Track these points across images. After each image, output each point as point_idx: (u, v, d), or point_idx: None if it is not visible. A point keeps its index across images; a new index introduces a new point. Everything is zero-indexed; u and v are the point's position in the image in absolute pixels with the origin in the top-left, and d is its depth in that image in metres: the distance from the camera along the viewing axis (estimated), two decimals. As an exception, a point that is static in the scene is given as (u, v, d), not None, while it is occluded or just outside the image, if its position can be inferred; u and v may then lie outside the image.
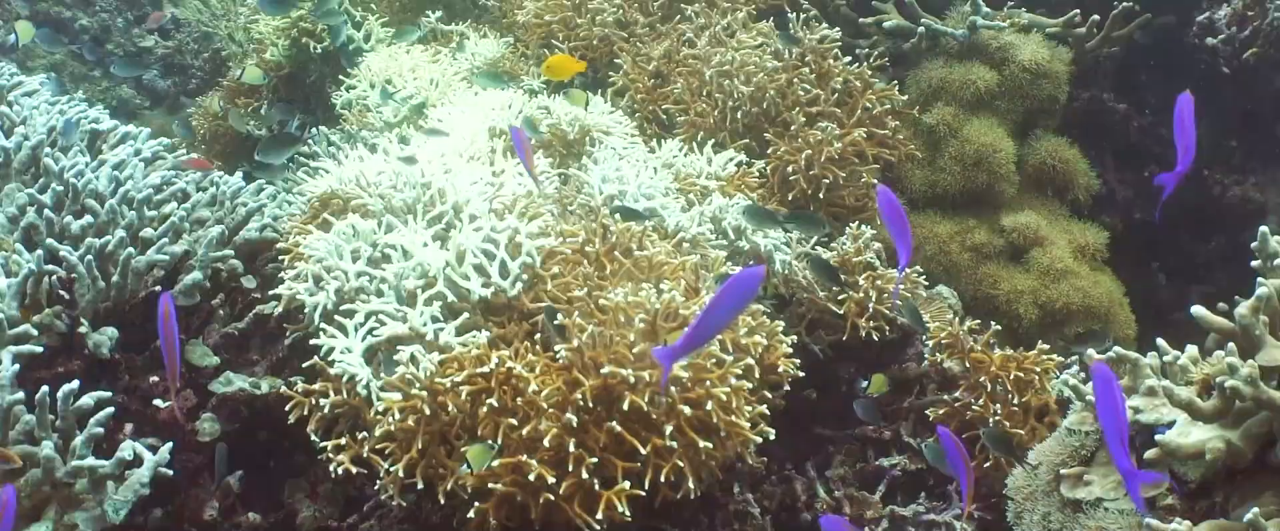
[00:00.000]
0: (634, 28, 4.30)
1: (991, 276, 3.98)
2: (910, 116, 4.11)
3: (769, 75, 3.91)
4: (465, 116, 3.51)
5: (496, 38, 4.70)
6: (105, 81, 6.05)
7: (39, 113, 3.18)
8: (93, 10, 6.14)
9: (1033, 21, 4.26)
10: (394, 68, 4.47)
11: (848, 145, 3.83)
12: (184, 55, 5.85)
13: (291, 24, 4.80)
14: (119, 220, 2.69)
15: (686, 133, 3.94)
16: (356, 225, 2.79)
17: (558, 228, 2.88)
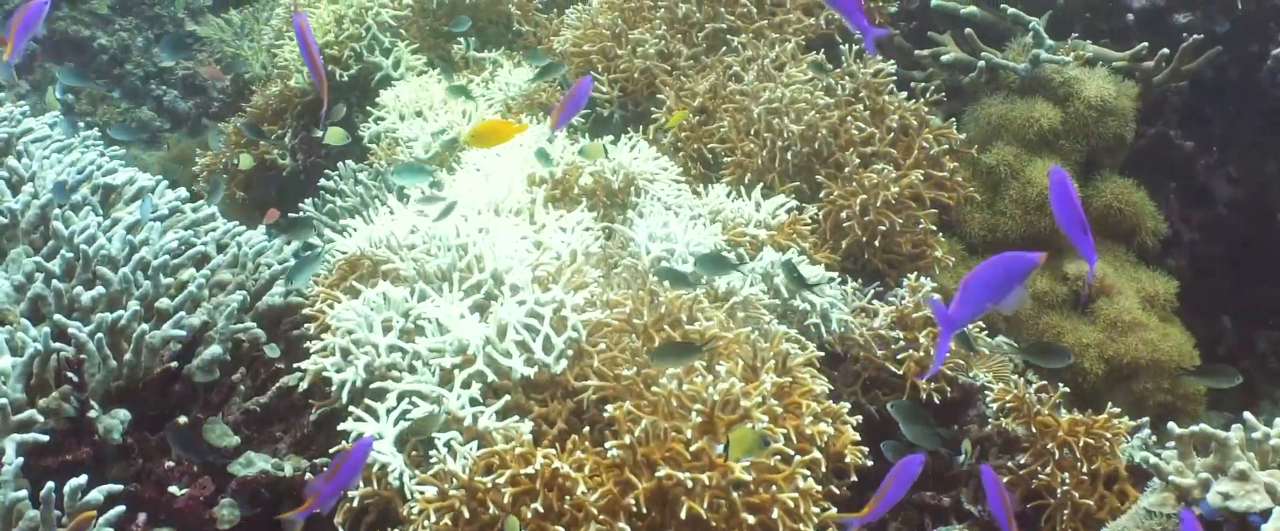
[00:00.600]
0: (677, 60, 4.09)
1: (1055, 327, 3.76)
2: (969, 156, 3.89)
3: (821, 112, 3.70)
4: (501, 159, 3.30)
5: (531, 66, 4.49)
6: (124, 103, 5.87)
7: (49, 166, 2.98)
8: (112, 29, 5.95)
9: (1098, 54, 4.03)
10: (424, 98, 4.27)
11: (904, 188, 3.62)
12: (205, 78, 5.66)
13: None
14: (132, 290, 2.50)
15: (733, 173, 3.73)
16: (388, 293, 2.58)
17: (604, 296, 2.67)
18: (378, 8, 4.57)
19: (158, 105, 5.90)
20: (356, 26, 4.58)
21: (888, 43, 4.26)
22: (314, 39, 2.22)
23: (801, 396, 2.42)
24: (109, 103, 5.83)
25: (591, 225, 3.03)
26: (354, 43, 4.58)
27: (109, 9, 5.96)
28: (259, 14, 5.78)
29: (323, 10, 4.64)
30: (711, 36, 4.12)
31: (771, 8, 4.18)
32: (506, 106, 4.33)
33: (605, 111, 4.20)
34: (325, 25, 4.60)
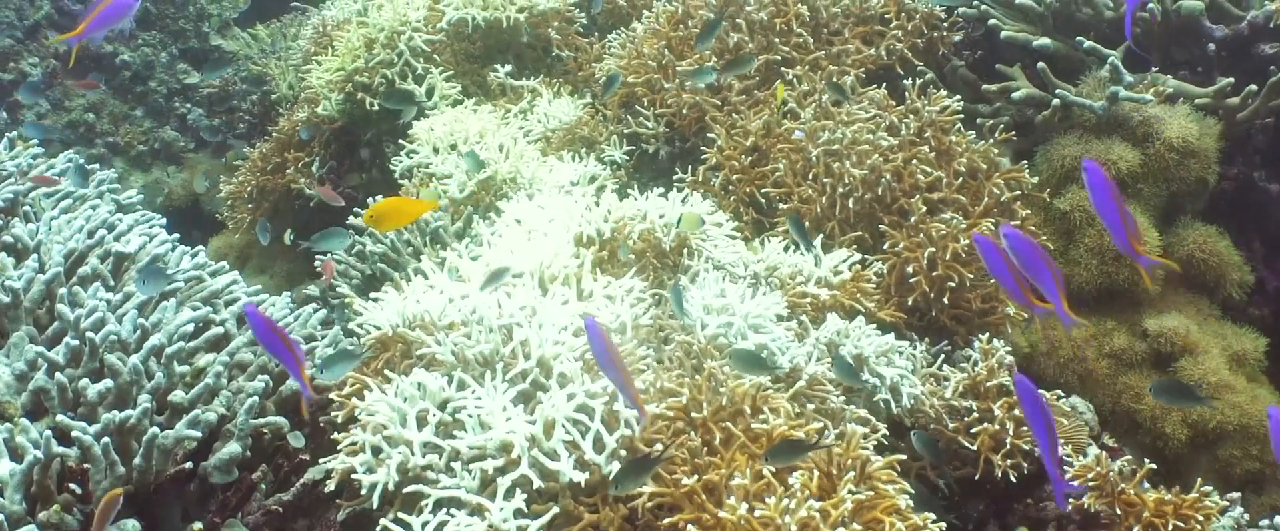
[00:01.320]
0: (728, 94, 3.84)
1: (1133, 388, 3.51)
2: (1041, 200, 3.62)
3: (884, 154, 3.45)
4: (543, 214, 3.07)
5: (571, 95, 4.25)
6: (148, 122, 5.66)
7: (57, 229, 2.75)
8: (135, 45, 5.74)
9: (1179, 90, 3.75)
10: (459, 130, 4.04)
11: (974, 239, 3.36)
12: (231, 96, 5.44)
13: (346, 77, 4.37)
14: (143, 382, 2.27)
15: (789, 221, 3.48)
16: (424, 382, 2.35)
17: (658, 383, 2.43)
18: (411, 32, 4.34)
19: (181, 124, 5.68)
20: (388, 52, 4.36)
21: (951, 75, 4.00)
22: (278, 334, 1.92)
23: (885, 512, 2.17)
24: (131, 122, 5.62)
25: (642, 294, 2.79)
26: (385, 69, 4.35)
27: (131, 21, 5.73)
28: (287, 29, 5.55)
29: (352, 34, 4.41)
30: (764, 68, 3.87)
31: (828, 37, 3.93)
32: (546, 139, 4.09)
33: (651, 148, 3.97)
34: (355, 49, 4.38)
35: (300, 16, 5.69)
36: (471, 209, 3.71)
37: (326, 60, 4.43)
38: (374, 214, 2.60)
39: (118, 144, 5.56)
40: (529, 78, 4.38)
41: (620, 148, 3.99)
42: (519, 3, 4.36)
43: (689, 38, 4.01)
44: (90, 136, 5.51)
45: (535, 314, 2.49)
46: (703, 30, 3.80)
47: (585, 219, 2.98)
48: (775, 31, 3.90)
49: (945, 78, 3.98)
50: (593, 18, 4.67)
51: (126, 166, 5.55)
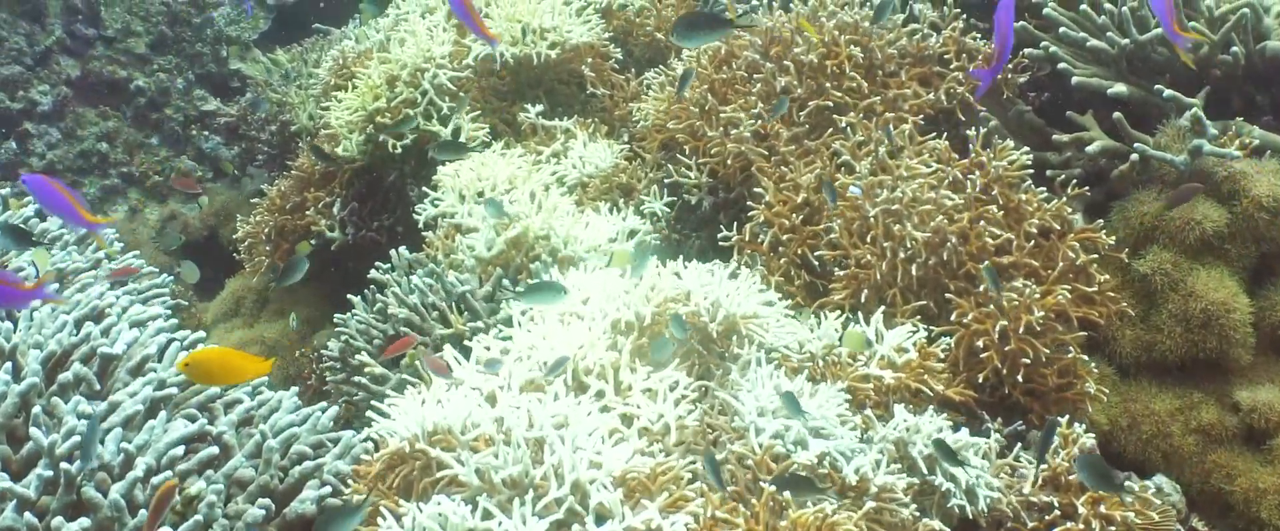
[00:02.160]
0: (775, 142, 3.55)
1: (1224, 468, 3.21)
2: (1117, 260, 3.32)
3: (948, 214, 3.16)
4: (578, 292, 2.80)
5: (607, 136, 3.98)
6: (164, 151, 5.42)
7: (35, 328, 2.48)
8: (150, 70, 5.50)
9: (1265, 141, 3.44)
10: (486, 176, 3.78)
11: (1049, 308, 3.07)
12: (249, 125, 5.19)
13: (366, 118, 4.11)
14: (125, 520, 2.01)
15: (846, 288, 3.20)
16: (445, 513, 2.08)
17: (707, 512, 2.15)
18: (435, 69, 4.07)
19: (198, 153, 5.44)
20: (411, 90, 4.09)
21: (1016, 119, 3.70)
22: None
23: None
24: (146, 151, 5.38)
25: (687, 390, 2.52)
26: (408, 108, 4.08)
27: (148, 47, 5.51)
28: (307, 54, 5.30)
29: (373, 70, 4.15)
30: (815, 115, 3.58)
31: (883, 80, 3.63)
32: (581, 187, 3.82)
33: (693, 198, 3.69)
34: (376, 87, 4.12)
35: (322, 40, 5.43)
36: (500, 270, 3.45)
37: (346, 98, 4.17)
38: (193, 364, 2.21)
39: (133, 174, 5.33)
40: (562, 117, 4.11)
41: (660, 198, 3.71)
42: (550, 37, 4.09)
43: (733, 80, 3.73)
44: (104, 167, 5.28)
45: (568, 426, 2.22)
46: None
47: (624, 302, 2.71)
48: (826, 74, 3.60)
49: (1010, 123, 3.68)
50: (629, 52, 4.39)
51: (142, 197, 5.32)
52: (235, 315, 4.71)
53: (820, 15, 3.72)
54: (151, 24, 5.62)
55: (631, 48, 4.41)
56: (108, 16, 5.50)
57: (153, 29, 5.62)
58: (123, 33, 5.55)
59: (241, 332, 4.60)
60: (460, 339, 3.33)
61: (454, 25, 4.31)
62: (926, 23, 3.72)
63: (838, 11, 3.71)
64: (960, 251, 3.17)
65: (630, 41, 4.40)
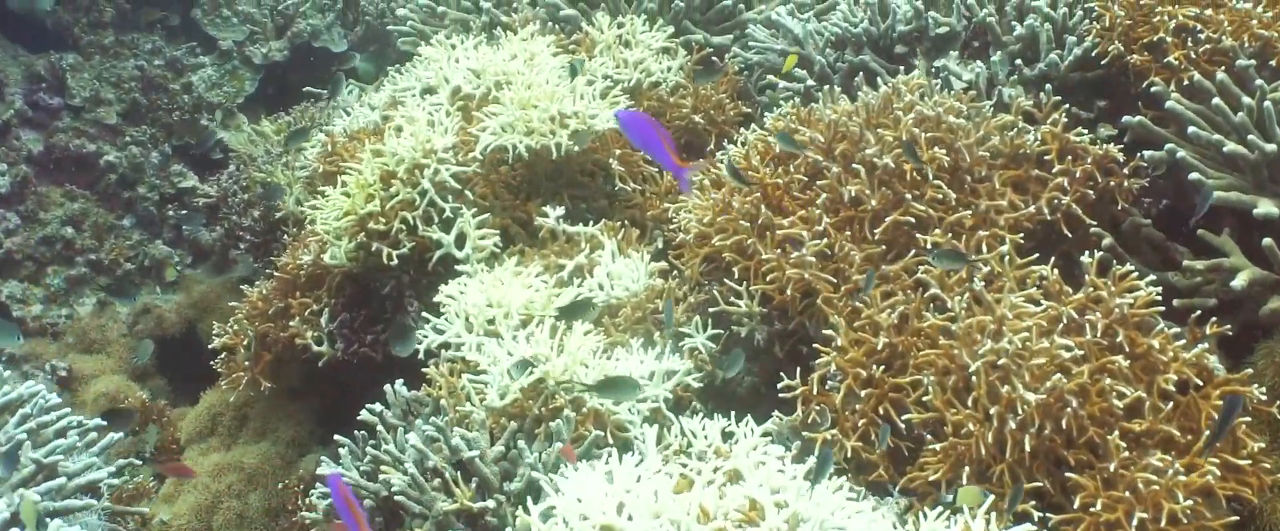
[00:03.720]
0: (846, 268, 2.94)
1: None
2: (1267, 415, 2.71)
3: (1065, 367, 2.56)
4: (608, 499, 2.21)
5: (638, 244, 3.38)
6: (137, 234, 4.83)
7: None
8: (121, 142, 4.91)
9: None
10: (497, 299, 3.19)
11: (1196, 490, 2.47)
12: (230, 207, 4.59)
13: (357, 223, 3.52)
14: None
15: (942, 463, 2.60)
16: None
17: None
18: (436, 164, 3.48)
19: (176, 235, 4.84)
20: (409, 190, 3.50)
21: (1133, 234, 3.09)
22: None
23: None
24: (117, 234, 4.79)
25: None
26: (407, 211, 3.49)
27: (119, 117, 4.91)
28: (296, 125, 4.70)
29: (366, 166, 3.55)
30: (893, 231, 2.97)
31: (973, 186, 3.02)
32: (609, 313, 3.22)
33: (743, 329, 3.08)
34: (368, 187, 3.53)
35: (312, 108, 4.84)
36: (515, 426, 2.85)
37: (333, 197, 3.58)
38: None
39: (101, 262, 4.74)
40: (585, 215, 3.53)
41: (704, 330, 3.11)
42: (572, 125, 3.49)
43: (792, 184, 3.12)
44: (69, 254, 4.69)
45: None
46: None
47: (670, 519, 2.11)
48: (905, 181, 3.00)
49: (1125, 238, 3.08)
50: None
51: (113, 284, 4.73)
52: (211, 434, 4.12)
53: (894, 106, 3.12)
54: (124, 91, 5.04)
55: (665, 130, 3.80)
56: (75, 83, 4.92)
57: (125, 96, 5.04)
58: (91, 101, 4.96)
59: (218, 456, 4.02)
60: (469, 516, 2.75)
61: (458, 109, 3.72)
62: (1018, 112, 3.12)
63: (916, 103, 3.11)
64: (1081, 415, 2.56)
65: (665, 123, 3.80)
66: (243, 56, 5.39)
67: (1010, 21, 3.37)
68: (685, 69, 3.88)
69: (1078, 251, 2.93)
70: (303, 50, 5.51)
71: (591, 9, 4.07)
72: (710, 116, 3.75)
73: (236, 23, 5.41)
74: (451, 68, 3.85)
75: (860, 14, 3.66)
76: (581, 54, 3.88)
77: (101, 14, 5.13)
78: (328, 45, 5.53)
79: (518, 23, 4.02)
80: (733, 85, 3.85)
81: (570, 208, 3.57)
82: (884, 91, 3.19)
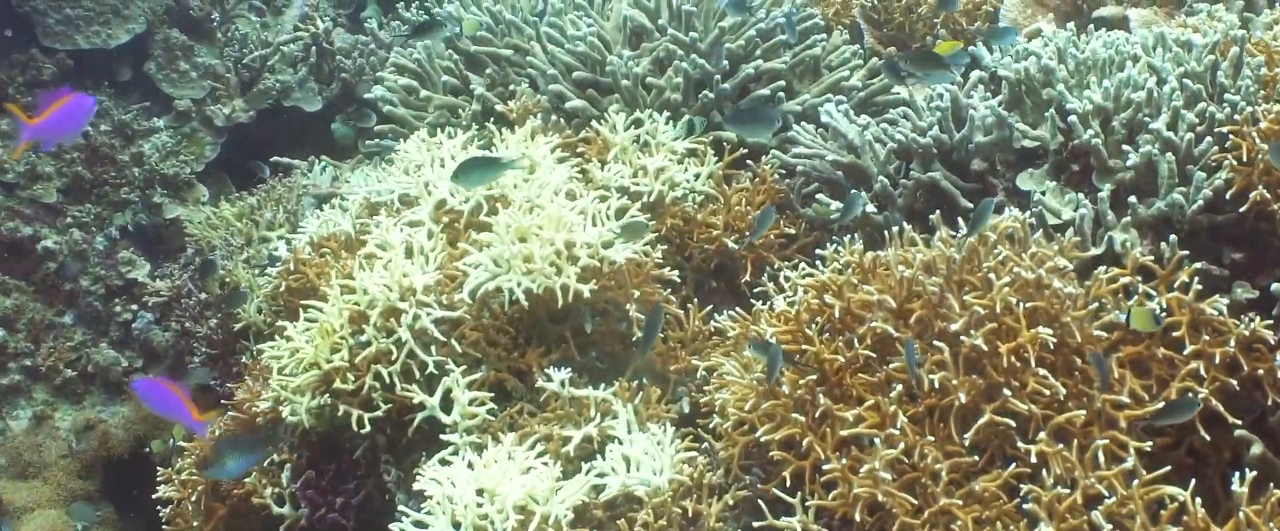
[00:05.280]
0: (929, 483, 2.32)
1: None
2: None
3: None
4: None
5: (659, 405, 2.77)
6: (79, 334, 4.21)
7: None
8: (62, 224, 4.27)
9: None
10: (491, 488, 2.59)
11: None
12: (184, 310, 3.96)
13: (321, 380, 2.90)
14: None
15: None
16: None
17: None
18: (416, 310, 2.86)
19: (125, 333, 4.22)
20: (383, 338, 2.88)
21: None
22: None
23: None
24: (57, 334, 4.16)
25: None
26: (382, 364, 2.87)
27: (60, 194, 4.28)
28: (261, 208, 4.07)
29: (331, 308, 2.94)
30: (986, 435, 2.35)
31: (1083, 370, 2.40)
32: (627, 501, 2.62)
33: (798, 547, 2.46)
34: (331, 333, 2.91)
35: (280, 187, 4.20)
36: None
37: (291, 342, 2.97)
38: None
39: (38, 368, 4.12)
40: (596, 366, 2.93)
41: (751, 548, 2.49)
42: (582, 259, 2.86)
43: (856, 363, 2.50)
44: (0, 359, 4.07)
45: None
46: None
47: None
48: (1000, 367, 2.38)
49: (1274, 434, 2.45)
50: (687, 256, 3.18)
51: (50, 398, 4.11)
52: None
53: (982, 262, 2.50)
54: (64, 163, 4.40)
55: (690, 253, 3.19)
56: (5, 154, 4.28)
57: (66, 169, 4.40)
58: (27, 177, 4.33)
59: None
60: None
61: (444, 228, 3.10)
62: (1134, 268, 2.50)
63: (1012, 260, 2.48)
64: None
65: (690, 246, 3.18)
66: (203, 117, 4.74)
67: (1117, 141, 2.74)
68: (715, 176, 3.24)
69: (1216, 457, 2.33)
70: (271, 111, 4.87)
71: (602, 95, 3.43)
72: (746, 238, 3.12)
73: (195, 77, 4.76)
74: (435, 172, 3.23)
75: (929, 118, 3.03)
76: (591, 158, 3.25)
77: (40, 71, 4.49)
78: (300, 104, 4.89)
79: (515, 112, 3.39)
80: (772, 196, 3.21)
81: (576, 353, 2.95)
82: (969, 243, 2.56)
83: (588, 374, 2.98)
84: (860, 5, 3.99)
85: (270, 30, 5.02)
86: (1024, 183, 2.91)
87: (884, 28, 4.00)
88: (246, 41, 4.85)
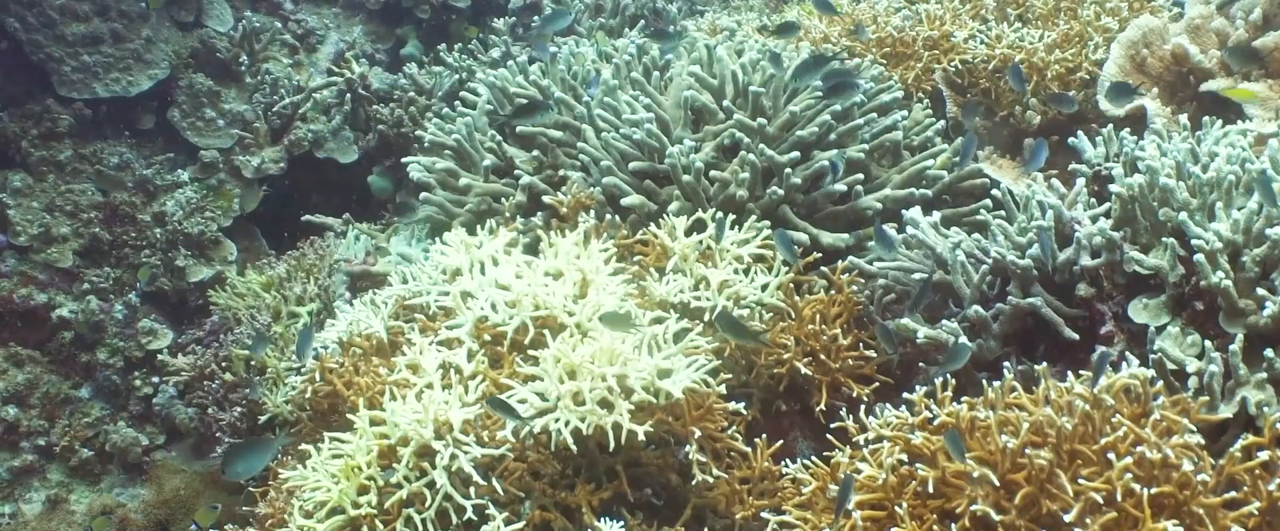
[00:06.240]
0: None
1: None
2: None
3: None
4: None
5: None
6: (97, 409, 3.95)
7: None
8: (78, 288, 4.00)
9: None
10: None
11: None
12: (206, 393, 3.68)
13: (347, 524, 2.63)
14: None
15: None
16: None
17: None
18: (452, 448, 2.57)
19: (145, 408, 3.95)
20: (414, 477, 2.60)
21: None
22: None
23: None
24: (73, 409, 3.90)
25: None
26: (413, 509, 2.59)
27: (76, 257, 4.02)
28: (290, 283, 3.79)
29: (359, 441, 2.65)
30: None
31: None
32: None
33: None
34: (355, 474, 2.63)
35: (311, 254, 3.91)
36: None
37: (314, 477, 2.68)
38: None
39: (52, 448, 3.86)
40: (651, 501, 2.62)
41: None
42: (637, 394, 2.55)
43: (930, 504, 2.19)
44: (12, 438, 3.82)
45: None
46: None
47: None
48: None
49: None
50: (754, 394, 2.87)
51: (65, 479, 3.86)
52: None
53: (1098, 433, 2.18)
54: (81, 223, 4.13)
55: (757, 372, 2.88)
56: (19, 217, 4.02)
57: (83, 230, 4.13)
58: (41, 239, 4.06)
59: None
60: None
61: (484, 343, 2.81)
62: (1272, 437, 2.17)
63: (1134, 432, 2.16)
64: None
65: (757, 366, 2.86)
66: (230, 167, 4.46)
67: (1249, 279, 2.40)
68: (784, 286, 2.92)
69: None
70: (304, 161, 4.58)
71: (660, 184, 3.12)
72: (819, 361, 2.80)
73: (222, 125, 4.47)
74: (475, 280, 2.93)
75: (1029, 234, 2.70)
76: (648, 265, 2.94)
77: (55, 123, 4.21)
78: (334, 155, 4.59)
79: (566, 206, 3.08)
80: (849, 309, 2.89)
81: (628, 490, 2.65)
82: (1080, 408, 2.23)
83: (642, 512, 2.69)
84: (942, 69, 3.64)
85: (303, 69, 4.73)
86: (1137, 314, 2.57)
87: (968, 93, 3.65)
88: (277, 86, 4.55)
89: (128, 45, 4.33)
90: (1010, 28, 3.68)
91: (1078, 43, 3.58)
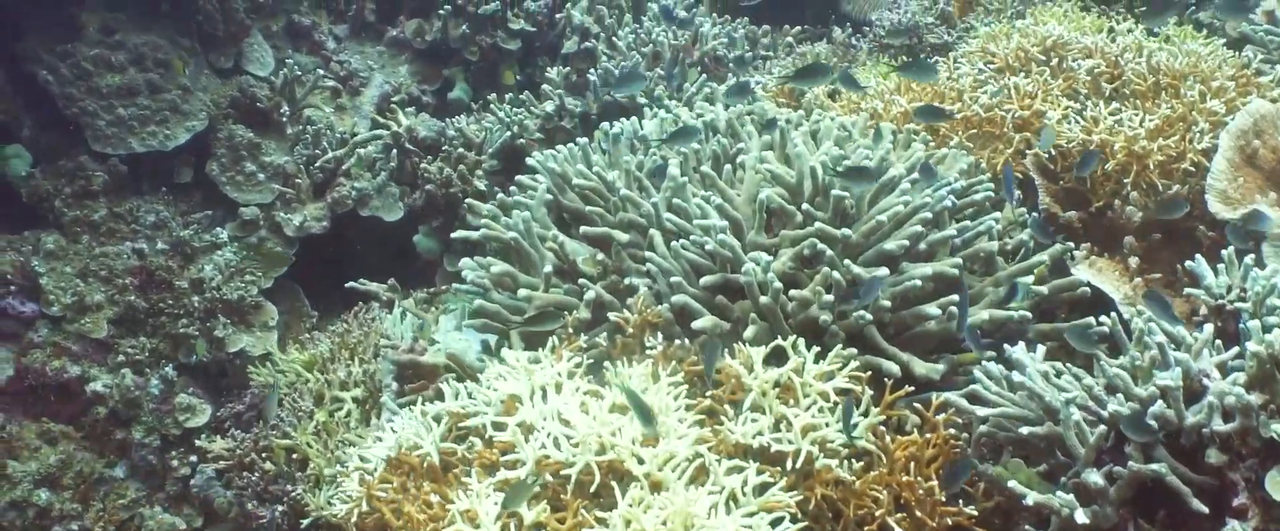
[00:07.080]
0: None
1: None
2: None
3: None
4: None
5: None
6: (133, 490, 3.76)
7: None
8: (113, 362, 3.80)
9: None
10: None
11: None
12: (246, 488, 3.48)
13: None
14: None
15: None
16: None
17: None
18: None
19: (183, 489, 3.76)
20: (473, 651, 2.38)
21: None
22: None
23: None
24: (108, 490, 3.71)
25: None
26: None
27: (111, 326, 3.81)
28: (334, 365, 3.58)
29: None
30: None
31: None
32: None
33: None
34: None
35: (357, 329, 3.69)
36: None
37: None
38: None
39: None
40: None
41: None
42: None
43: None
44: (44, 524, 3.63)
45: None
46: None
47: None
48: None
49: None
50: None
51: (100, 564, 3.68)
52: None
53: None
54: (116, 289, 3.92)
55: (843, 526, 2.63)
56: (52, 284, 3.82)
57: (118, 298, 3.92)
58: (74, 309, 3.86)
59: None
60: None
61: (545, 484, 2.58)
62: None
63: None
64: None
65: (844, 518, 2.62)
66: (271, 224, 4.23)
67: None
68: (872, 425, 2.66)
69: None
70: (348, 218, 4.34)
71: (732, 298, 2.86)
72: (916, 519, 2.55)
73: (263, 179, 4.24)
74: (536, 408, 2.69)
75: (1151, 387, 2.43)
76: (723, 399, 2.69)
77: (89, 181, 4.00)
78: (379, 214, 4.35)
79: (632, 326, 2.83)
80: (945, 453, 2.63)
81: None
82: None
83: None
84: (1034, 155, 3.35)
85: (346, 114, 4.49)
86: (1275, 489, 2.30)
87: (1061, 181, 3.36)
88: (319, 137, 4.31)
89: (164, 96, 4.11)
90: (1105, 106, 3.38)
91: (1181, 127, 3.27)
